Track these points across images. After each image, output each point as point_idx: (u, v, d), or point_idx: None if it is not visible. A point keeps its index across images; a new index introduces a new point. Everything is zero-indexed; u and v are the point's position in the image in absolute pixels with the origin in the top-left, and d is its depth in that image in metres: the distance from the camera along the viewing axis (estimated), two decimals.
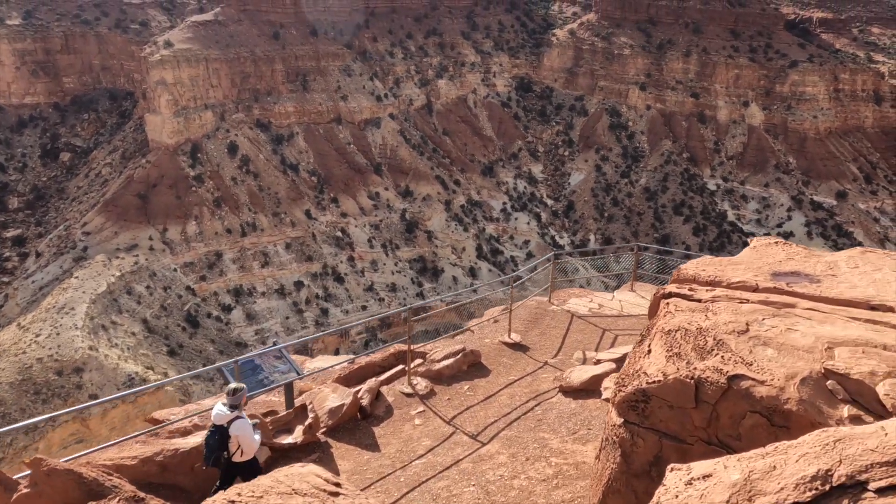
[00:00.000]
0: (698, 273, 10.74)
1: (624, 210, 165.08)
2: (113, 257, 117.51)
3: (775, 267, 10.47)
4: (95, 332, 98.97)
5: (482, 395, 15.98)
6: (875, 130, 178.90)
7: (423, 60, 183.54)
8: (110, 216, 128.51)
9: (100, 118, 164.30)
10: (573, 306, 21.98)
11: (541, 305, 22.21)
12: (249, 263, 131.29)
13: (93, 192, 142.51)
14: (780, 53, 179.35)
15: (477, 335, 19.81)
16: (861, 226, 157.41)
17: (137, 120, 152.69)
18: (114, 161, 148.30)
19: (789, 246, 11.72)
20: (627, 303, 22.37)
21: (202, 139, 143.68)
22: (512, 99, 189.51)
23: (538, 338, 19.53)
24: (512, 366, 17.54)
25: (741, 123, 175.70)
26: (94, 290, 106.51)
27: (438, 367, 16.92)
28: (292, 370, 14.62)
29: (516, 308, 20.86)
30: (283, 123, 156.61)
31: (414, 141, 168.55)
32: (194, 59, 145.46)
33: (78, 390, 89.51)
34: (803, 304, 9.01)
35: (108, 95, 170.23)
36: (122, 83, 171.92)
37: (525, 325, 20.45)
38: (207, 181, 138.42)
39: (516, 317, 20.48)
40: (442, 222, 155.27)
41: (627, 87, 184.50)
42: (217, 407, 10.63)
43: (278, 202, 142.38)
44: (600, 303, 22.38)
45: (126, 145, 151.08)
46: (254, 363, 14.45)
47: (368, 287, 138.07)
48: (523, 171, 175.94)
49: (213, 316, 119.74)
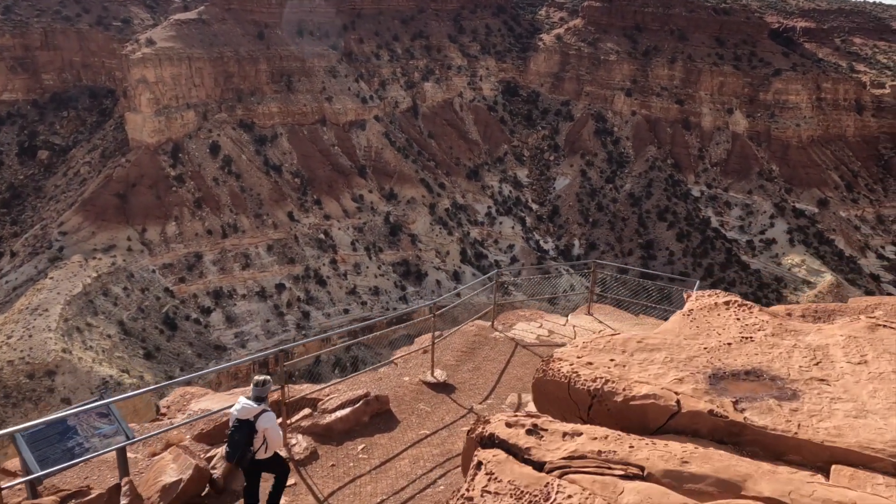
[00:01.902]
0: (576, 371, 6.54)
1: (608, 215, 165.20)
2: (90, 258, 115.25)
3: (719, 357, 6.52)
4: (69, 334, 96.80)
5: (379, 458, 12.96)
6: (856, 139, 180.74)
7: (410, 63, 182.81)
8: (88, 216, 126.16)
9: (79, 116, 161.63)
10: (519, 332, 19.33)
11: (482, 332, 19.33)
12: (230, 265, 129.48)
13: (71, 192, 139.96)
14: (763, 62, 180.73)
15: (398, 370, 16.97)
16: (842, 234, 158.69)
17: (118, 118, 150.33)
18: (93, 160, 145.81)
19: (747, 310, 7.67)
20: (582, 329, 19.77)
21: (184, 139, 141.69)
22: (498, 103, 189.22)
23: (470, 374, 16.84)
24: (428, 414, 14.73)
25: (725, 130, 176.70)
26: (69, 291, 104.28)
27: (329, 419, 13.77)
28: (120, 433, 10.79)
29: (452, 335, 18.54)
30: (267, 124, 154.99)
31: (399, 143, 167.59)
32: (177, 57, 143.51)
33: (50, 394, 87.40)
34: (764, 469, 4.69)
35: (89, 93, 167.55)
36: (103, 81, 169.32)
37: (458, 357, 17.74)
38: (188, 181, 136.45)
39: (450, 346, 18.18)
40: (426, 226, 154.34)
41: (613, 92, 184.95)
42: (241, 401, 10.23)
43: (260, 203, 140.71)
44: (551, 328, 19.83)
45: (106, 144, 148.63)
46: (66, 424, 10.59)
47: (351, 290, 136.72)
48: (509, 176, 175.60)
49: (191, 318, 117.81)
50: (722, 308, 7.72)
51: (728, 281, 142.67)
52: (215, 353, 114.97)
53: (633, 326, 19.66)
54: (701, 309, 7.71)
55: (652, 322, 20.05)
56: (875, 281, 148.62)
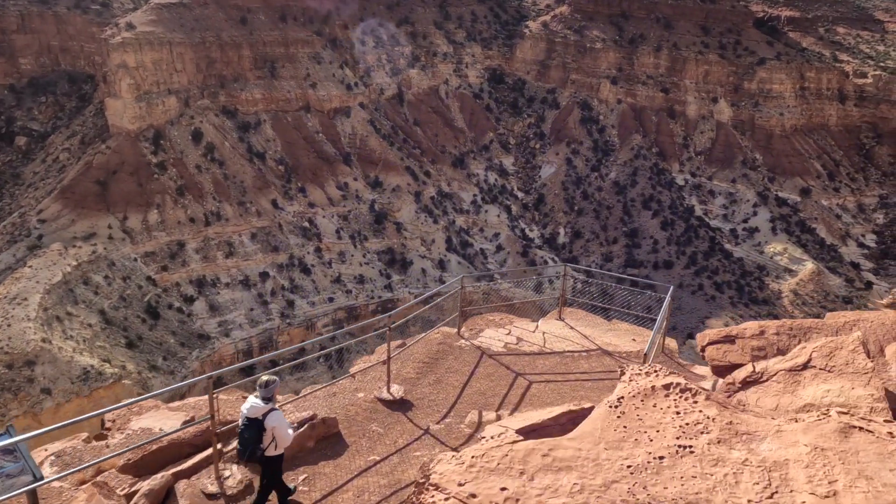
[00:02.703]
0: None
1: (594, 204, 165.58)
2: (70, 246, 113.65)
3: (645, 483, 4.91)
4: (49, 323, 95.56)
5: (321, 490, 11.67)
6: (839, 128, 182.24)
7: (395, 49, 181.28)
8: (68, 203, 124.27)
9: (58, 101, 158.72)
10: (486, 340, 18.38)
11: (447, 340, 18.29)
12: (213, 253, 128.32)
13: (50, 179, 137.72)
14: (748, 50, 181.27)
15: (354, 385, 15.67)
16: (824, 222, 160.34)
17: (98, 104, 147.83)
18: (72, 146, 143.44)
19: (689, 399, 6.11)
20: (552, 335, 18.92)
21: (165, 125, 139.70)
22: (484, 90, 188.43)
23: (430, 388, 15.66)
24: (381, 437, 13.56)
25: (710, 119, 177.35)
26: (48, 279, 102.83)
27: None
28: (26, 471, 9.41)
29: (415, 344, 17.48)
30: (250, 111, 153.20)
31: (384, 131, 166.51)
32: (157, 42, 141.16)
33: (29, 384, 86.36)
34: None
35: (67, 78, 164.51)
36: (82, 66, 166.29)
37: (419, 368, 16.57)
38: (170, 168, 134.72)
39: (412, 356, 17.05)
40: (411, 214, 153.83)
41: (599, 80, 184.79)
42: (250, 400, 10.65)
43: (244, 191, 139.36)
44: (520, 335, 18.92)
45: (85, 130, 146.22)
46: None
47: (336, 279, 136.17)
48: (494, 164, 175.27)
49: (174, 307, 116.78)
50: (660, 395, 6.31)
51: (711, 269, 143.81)
52: (199, 342, 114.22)
53: (605, 332, 19.22)
54: (634, 397, 6.36)
55: (625, 328, 19.53)
56: (855, 269, 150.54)
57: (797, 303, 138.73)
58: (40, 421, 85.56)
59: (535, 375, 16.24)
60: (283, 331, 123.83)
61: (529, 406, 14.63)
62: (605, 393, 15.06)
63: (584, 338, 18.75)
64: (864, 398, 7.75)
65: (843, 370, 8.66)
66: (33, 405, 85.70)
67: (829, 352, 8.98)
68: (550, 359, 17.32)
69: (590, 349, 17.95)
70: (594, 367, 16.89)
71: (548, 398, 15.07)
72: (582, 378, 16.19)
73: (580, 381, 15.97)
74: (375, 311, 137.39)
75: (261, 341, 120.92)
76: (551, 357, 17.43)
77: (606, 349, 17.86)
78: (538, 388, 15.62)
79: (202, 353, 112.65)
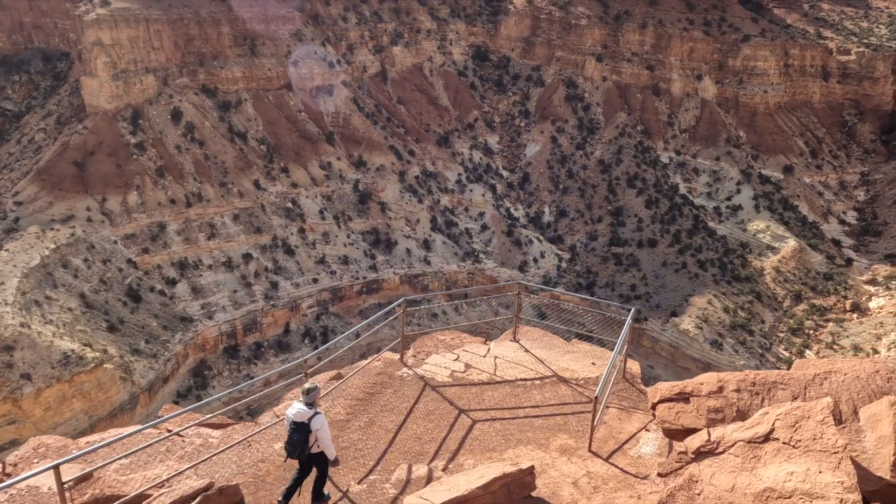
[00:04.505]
0: None
1: (579, 182, 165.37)
2: (47, 229, 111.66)
3: None
4: (27, 307, 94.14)
5: None
6: (821, 106, 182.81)
7: (378, 26, 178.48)
8: (44, 185, 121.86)
9: (32, 80, 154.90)
10: (431, 368, 16.66)
11: (388, 368, 16.65)
12: (195, 235, 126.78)
13: (25, 160, 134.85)
14: (733, 27, 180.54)
15: (271, 435, 13.66)
16: (806, 199, 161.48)
17: (73, 83, 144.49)
18: (48, 126, 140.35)
19: None
20: (504, 360, 17.25)
21: (143, 104, 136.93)
22: (468, 68, 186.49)
23: (359, 433, 13.97)
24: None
25: (694, 97, 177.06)
26: (25, 263, 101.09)
27: None
28: None
29: (353, 376, 15.76)
30: (231, 89, 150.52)
31: (368, 109, 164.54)
32: (133, 18, 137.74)
33: (8, 369, 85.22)
34: None
35: (42, 56, 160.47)
36: (57, 43, 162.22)
37: (352, 407, 14.81)
38: (150, 149, 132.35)
39: (345, 391, 15.34)
40: (396, 193, 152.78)
41: (584, 58, 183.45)
42: (295, 405, 11.90)
43: (225, 172, 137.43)
44: (469, 361, 17.15)
45: (61, 110, 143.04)
46: None
47: (320, 259, 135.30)
48: (479, 142, 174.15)
49: (156, 290, 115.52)
50: None
51: (695, 247, 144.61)
52: (182, 325, 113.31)
53: (563, 355, 17.69)
54: None
55: (585, 349, 18.14)
56: (836, 246, 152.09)
57: (779, 280, 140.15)
58: (21, 407, 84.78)
59: (481, 412, 14.88)
60: (267, 312, 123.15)
61: (469, 453, 13.43)
62: (555, 433, 14.09)
63: (540, 362, 17.17)
64: (832, 486, 7.05)
65: (809, 447, 7.72)
66: (13, 391, 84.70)
67: (795, 421, 8.01)
68: (500, 389, 15.85)
69: (544, 376, 16.48)
70: (547, 398, 15.54)
71: (491, 442, 13.90)
72: (532, 414, 14.93)
73: (529, 419, 14.75)
74: (360, 292, 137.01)
75: (244, 323, 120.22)
76: (501, 387, 15.94)
77: (563, 375, 16.48)
78: (482, 429, 14.28)
79: (185, 336, 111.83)
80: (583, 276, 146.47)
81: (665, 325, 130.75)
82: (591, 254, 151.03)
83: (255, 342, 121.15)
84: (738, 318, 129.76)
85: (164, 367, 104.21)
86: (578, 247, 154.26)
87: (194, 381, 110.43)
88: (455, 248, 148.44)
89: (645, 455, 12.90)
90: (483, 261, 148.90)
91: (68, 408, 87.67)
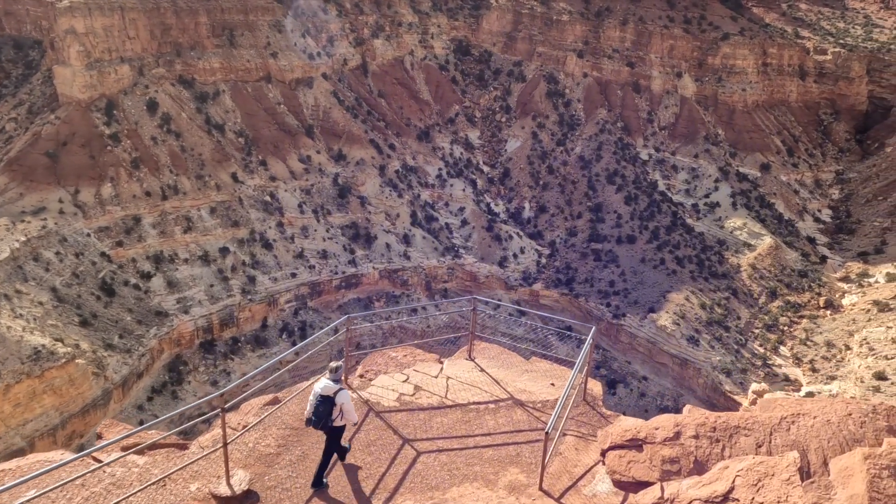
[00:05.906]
0: None
1: (559, 178, 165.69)
2: (18, 221, 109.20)
3: None
4: None
5: None
6: (798, 105, 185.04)
7: (359, 18, 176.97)
8: (15, 176, 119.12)
9: (3, 68, 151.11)
10: (377, 391, 15.53)
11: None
12: (171, 228, 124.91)
13: None
14: (713, 25, 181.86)
15: (191, 472, 12.07)
16: (782, 197, 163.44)
17: (45, 72, 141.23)
18: (19, 116, 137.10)
19: None
20: (457, 381, 16.16)
21: (118, 95, 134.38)
22: (450, 62, 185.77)
23: (289, 470, 12.70)
24: None
25: (674, 94, 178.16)
26: None
27: None
28: None
29: (291, 401, 14.55)
30: (209, 80, 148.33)
31: (348, 103, 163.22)
32: (108, 7, 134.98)
33: None
34: None
35: (13, 44, 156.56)
36: (29, 31, 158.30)
37: (284, 438, 13.53)
38: (124, 140, 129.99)
39: (279, 420, 14.09)
40: (376, 187, 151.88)
41: (565, 53, 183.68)
42: (322, 381, 12.72)
43: (202, 164, 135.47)
44: (419, 382, 16.10)
45: (33, 99, 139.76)
46: None
47: (298, 254, 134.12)
48: (460, 137, 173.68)
49: (130, 284, 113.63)
50: None
51: (673, 243, 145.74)
52: (157, 320, 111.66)
53: (520, 375, 16.77)
54: None
55: (545, 367, 17.15)
56: (811, 243, 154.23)
57: (755, 276, 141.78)
58: None
59: (427, 442, 13.76)
60: (245, 307, 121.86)
61: (409, 493, 12.38)
62: (505, 466, 12.99)
63: (495, 383, 16.11)
64: None
65: None
66: None
67: (757, 479, 7.16)
68: (451, 415, 14.75)
69: (499, 399, 15.46)
70: (501, 424, 14.51)
71: (434, 478, 12.74)
72: (483, 444, 13.77)
73: (479, 449, 13.60)
74: (339, 287, 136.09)
75: (221, 318, 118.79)
76: (452, 412, 14.84)
77: (519, 398, 15.48)
78: (426, 463, 13.14)
79: (160, 331, 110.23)
80: (562, 271, 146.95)
81: (643, 320, 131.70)
82: (571, 250, 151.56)
83: (231, 337, 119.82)
84: (714, 315, 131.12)
85: (138, 363, 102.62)
86: (558, 242, 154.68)
87: (169, 377, 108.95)
88: (435, 243, 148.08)
89: (600, 494, 11.78)
90: (463, 256, 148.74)
91: (39, 404, 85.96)
